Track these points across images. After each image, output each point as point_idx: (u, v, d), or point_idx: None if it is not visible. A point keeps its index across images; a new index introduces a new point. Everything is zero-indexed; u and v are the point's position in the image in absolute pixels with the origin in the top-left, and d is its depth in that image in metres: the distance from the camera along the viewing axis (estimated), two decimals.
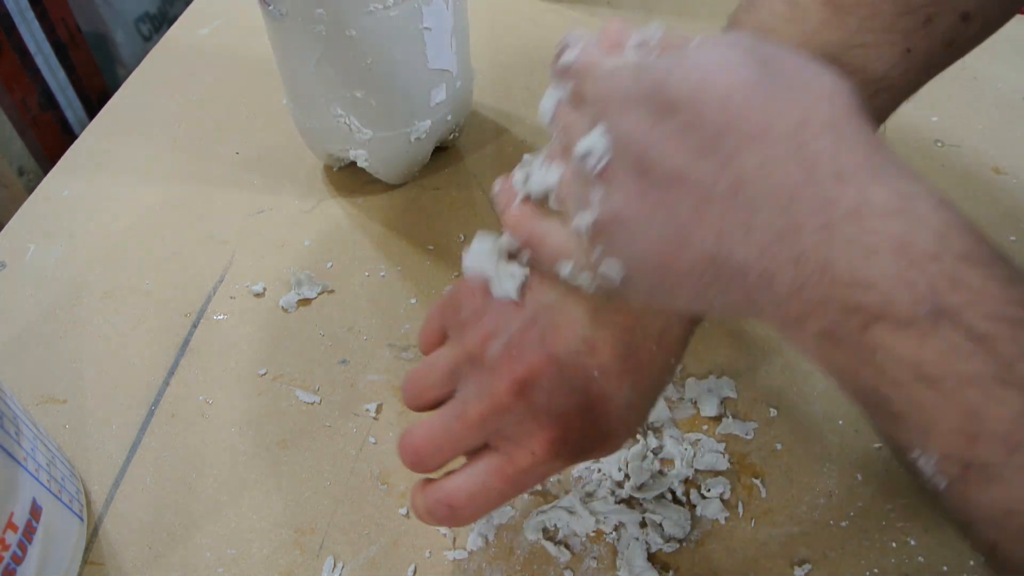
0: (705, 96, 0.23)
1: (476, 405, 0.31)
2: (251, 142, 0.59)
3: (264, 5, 0.45)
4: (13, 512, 0.32)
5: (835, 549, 0.37)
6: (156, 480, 0.41)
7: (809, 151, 0.22)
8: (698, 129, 0.23)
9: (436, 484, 0.32)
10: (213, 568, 0.37)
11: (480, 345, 0.31)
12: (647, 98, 0.25)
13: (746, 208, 0.23)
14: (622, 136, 0.25)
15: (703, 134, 0.23)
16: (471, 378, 0.31)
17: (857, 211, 0.21)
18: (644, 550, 0.37)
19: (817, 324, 0.22)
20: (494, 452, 0.31)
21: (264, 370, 0.45)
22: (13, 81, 1.03)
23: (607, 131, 0.26)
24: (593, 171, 0.26)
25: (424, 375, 0.34)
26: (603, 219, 0.26)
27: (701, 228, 0.24)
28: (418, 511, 0.33)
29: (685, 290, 0.26)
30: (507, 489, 0.31)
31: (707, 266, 0.24)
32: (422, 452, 0.32)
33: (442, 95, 0.50)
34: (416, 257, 0.51)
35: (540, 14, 0.68)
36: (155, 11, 1.25)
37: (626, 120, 0.25)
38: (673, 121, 0.24)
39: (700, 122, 0.23)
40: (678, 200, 0.24)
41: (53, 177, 0.57)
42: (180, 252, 0.51)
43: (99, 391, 0.44)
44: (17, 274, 0.51)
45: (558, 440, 0.30)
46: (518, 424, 0.30)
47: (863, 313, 0.21)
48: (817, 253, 0.22)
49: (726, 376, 0.44)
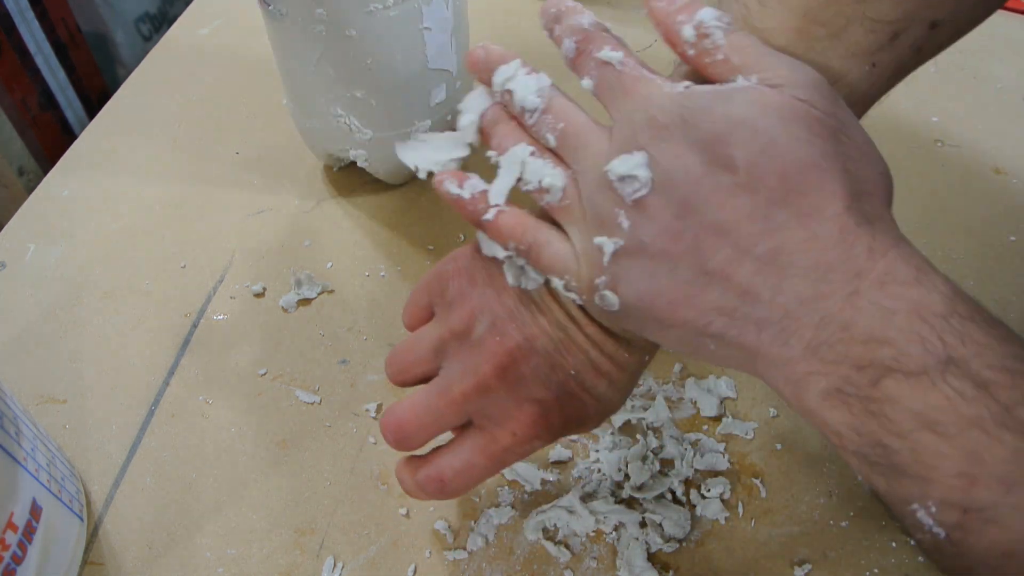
0: (768, 167, 0.24)
1: (460, 384, 0.31)
2: (251, 142, 0.59)
3: (264, 5, 0.45)
4: (13, 512, 0.32)
5: (835, 549, 0.37)
6: (156, 480, 0.41)
7: (851, 233, 0.24)
8: (753, 194, 0.24)
9: (426, 461, 0.33)
10: (213, 568, 0.37)
11: (466, 323, 0.32)
12: (703, 145, 0.25)
13: (780, 273, 0.24)
14: (668, 172, 0.25)
15: (757, 201, 0.24)
16: (456, 356, 0.32)
17: (882, 281, 0.23)
18: (644, 550, 0.37)
19: (824, 382, 0.24)
20: (478, 431, 0.32)
21: (264, 370, 0.45)
22: (13, 81, 1.03)
23: (651, 162, 0.26)
24: (630, 197, 0.26)
25: (409, 351, 0.34)
26: (630, 247, 0.26)
27: (727, 282, 0.25)
28: (407, 487, 0.34)
29: (681, 333, 0.26)
30: (492, 465, 0.32)
31: (718, 318, 0.25)
32: (406, 429, 0.33)
33: (442, 95, 0.50)
34: (416, 257, 0.51)
35: None
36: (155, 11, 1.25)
37: (678, 159, 0.25)
38: (728, 178, 0.24)
39: (756, 188, 0.24)
40: (713, 250, 0.25)
41: (53, 177, 0.57)
42: (180, 252, 0.51)
43: (99, 391, 0.44)
44: (17, 274, 0.51)
45: (538, 422, 0.31)
46: (500, 405, 0.31)
47: (876, 367, 0.23)
48: (841, 316, 0.23)
49: (726, 376, 0.44)
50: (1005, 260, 0.49)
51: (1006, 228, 0.50)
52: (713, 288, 0.25)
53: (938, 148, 0.56)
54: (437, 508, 0.39)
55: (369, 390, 0.44)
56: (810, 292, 0.24)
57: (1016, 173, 0.54)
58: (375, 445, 0.42)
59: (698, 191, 0.25)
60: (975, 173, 0.54)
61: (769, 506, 0.39)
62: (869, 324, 0.23)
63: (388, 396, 0.44)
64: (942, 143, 0.56)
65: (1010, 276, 0.48)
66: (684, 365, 0.44)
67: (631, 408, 0.42)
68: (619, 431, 0.42)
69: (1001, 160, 0.55)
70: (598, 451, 0.41)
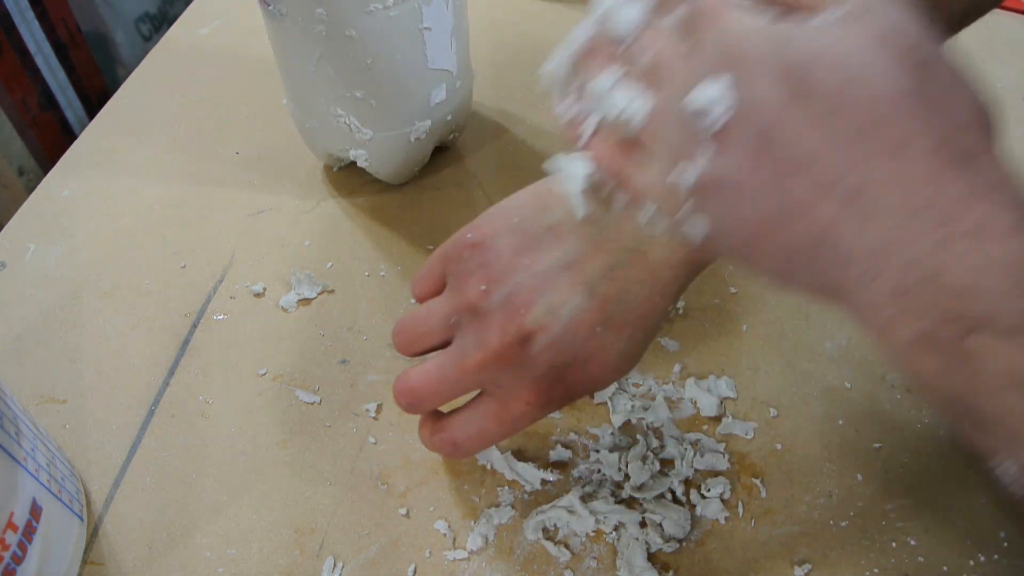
0: (853, 94, 0.23)
1: (474, 354, 0.32)
2: (251, 142, 0.59)
3: (264, 5, 0.45)
4: (13, 512, 0.32)
5: (835, 549, 0.37)
6: (156, 480, 0.41)
7: (944, 172, 0.23)
8: (838, 123, 0.23)
9: (441, 424, 0.34)
10: (213, 568, 0.37)
11: (482, 296, 0.32)
12: (787, 73, 0.24)
13: (866, 209, 0.23)
14: (751, 101, 0.24)
15: (842, 129, 0.23)
16: (469, 327, 0.32)
17: (977, 230, 0.22)
18: (644, 550, 0.37)
19: (913, 328, 0.23)
20: (490, 398, 0.33)
21: (264, 370, 0.45)
22: (13, 81, 1.03)
23: (731, 92, 0.24)
24: (707, 128, 0.25)
25: (420, 322, 0.34)
26: (707, 180, 0.25)
27: (813, 213, 0.24)
28: (425, 442, 0.35)
29: (771, 261, 0.26)
30: (504, 430, 0.33)
31: (806, 248, 0.24)
32: (419, 395, 0.34)
33: (442, 95, 0.50)
34: (416, 257, 0.51)
35: (540, 14, 0.68)
36: (155, 11, 1.25)
37: (759, 87, 0.24)
38: (813, 106, 0.23)
39: (842, 117, 0.23)
40: (797, 182, 0.24)
41: (53, 177, 0.57)
42: (180, 252, 0.51)
43: (99, 391, 0.44)
44: (17, 274, 0.51)
45: (552, 389, 0.31)
46: (513, 375, 0.31)
47: (966, 321, 0.22)
48: (930, 262, 0.22)
49: (726, 376, 0.44)
50: None
51: None
52: (795, 223, 0.24)
53: None
54: (437, 508, 0.39)
55: (369, 390, 0.44)
56: (896, 234, 0.23)
57: (1016, 173, 0.54)
58: (375, 445, 0.42)
59: (778, 122, 0.24)
60: None
61: (769, 506, 0.39)
62: (960, 275, 0.22)
63: (388, 396, 0.44)
64: None
65: None
66: (684, 365, 0.44)
67: (631, 408, 0.42)
68: (619, 431, 0.42)
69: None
70: (598, 451, 0.41)
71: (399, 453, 0.41)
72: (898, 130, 0.23)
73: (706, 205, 0.26)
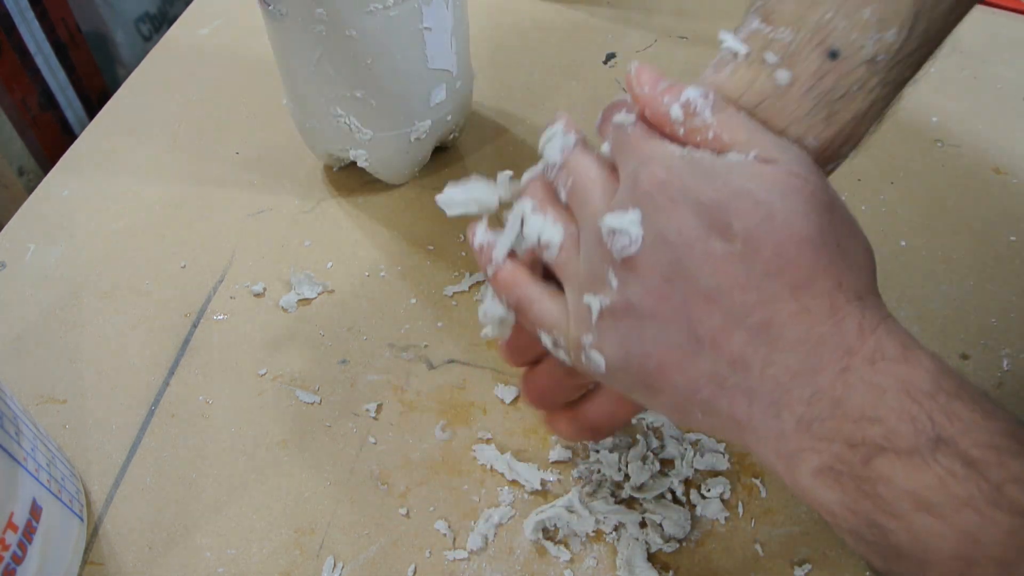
0: (765, 239, 0.24)
1: None
2: (251, 142, 0.59)
3: (264, 5, 0.45)
4: (13, 512, 0.32)
5: (835, 549, 0.37)
6: (156, 480, 0.41)
7: (841, 308, 0.24)
8: (748, 264, 0.24)
9: (576, 414, 0.35)
10: (213, 568, 0.37)
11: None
12: (702, 210, 0.25)
13: (771, 344, 0.24)
14: (663, 233, 0.25)
15: (751, 271, 0.24)
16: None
17: (872, 358, 0.23)
18: (644, 550, 0.37)
19: (817, 459, 0.24)
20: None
21: (264, 370, 0.45)
22: (13, 81, 1.03)
23: (645, 220, 0.26)
24: (620, 254, 0.26)
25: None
26: (617, 306, 0.26)
27: (718, 349, 0.25)
28: (563, 434, 0.36)
29: (670, 398, 0.27)
30: (633, 411, 0.35)
31: (706, 385, 0.25)
32: (546, 395, 0.35)
33: (442, 95, 0.50)
34: (416, 257, 0.51)
35: (540, 14, 0.68)
36: (155, 11, 1.25)
37: (673, 220, 0.25)
38: (725, 246, 0.25)
39: (752, 260, 0.24)
40: (704, 316, 0.25)
41: (53, 177, 0.57)
42: (180, 252, 0.51)
43: (99, 391, 0.44)
44: (17, 274, 0.51)
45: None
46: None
47: (868, 446, 0.22)
48: (832, 392, 0.23)
49: None
50: (1005, 260, 0.49)
51: (1006, 228, 0.50)
52: (703, 355, 0.25)
53: (938, 148, 0.56)
54: (437, 508, 0.39)
55: (369, 390, 0.44)
56: (801, 366, 0.24)
57: (1016, 173, 0.54)
58: (375, 445, 0.42)
59: (691, 255, 0.25)
60: (975, 173, 0.54)
61: (769, 506, 0.39)
62: (861, 401, 0.23)
63: (388, 396, 0.44)
64: (942, 143, 0.56)
65: (1010, 276, 0.48)
66: None
67: None
68: (619, 431, 0.42)
69: (1001, 160, 0.55)
70: (598, 451, 0.41)
71: (399, 453, 0.41)
72: (806, 270, 0.24)
73: (613, 334, 0.27)
